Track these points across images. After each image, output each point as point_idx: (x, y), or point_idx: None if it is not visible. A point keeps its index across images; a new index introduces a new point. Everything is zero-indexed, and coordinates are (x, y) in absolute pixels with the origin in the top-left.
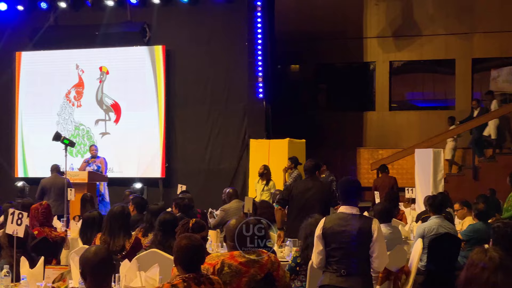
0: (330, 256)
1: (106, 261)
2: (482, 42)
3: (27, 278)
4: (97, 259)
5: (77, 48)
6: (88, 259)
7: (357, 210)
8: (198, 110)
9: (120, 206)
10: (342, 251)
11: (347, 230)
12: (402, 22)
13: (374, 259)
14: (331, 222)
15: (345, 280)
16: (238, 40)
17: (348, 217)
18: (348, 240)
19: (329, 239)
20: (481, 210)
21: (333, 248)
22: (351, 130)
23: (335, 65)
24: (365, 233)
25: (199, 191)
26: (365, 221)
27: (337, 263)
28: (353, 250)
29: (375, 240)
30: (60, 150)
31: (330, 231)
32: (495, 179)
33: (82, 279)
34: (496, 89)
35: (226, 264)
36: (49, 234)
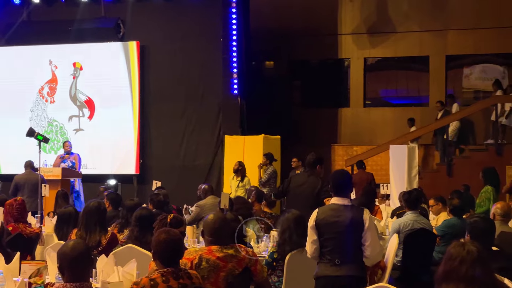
0: (324, 246)
1: (84, 256)
2: (456, 39)
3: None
4: (75, 253)
5: (51, 44)
6: (66, 253)
7: (348, 201)
8: (172, 107)
9: (96, 202)
10: (335, 241)
11: (340, 220)
12: (377, 19)
13: (366, 247)
14: (324, 213)
15: (339, 269)
16: (213, 36)
17: (340, 208)
18: (340, 230)
19: (322, 229)
20: (456, 206)
21: (326, 238)
22: (326, 127)
23: (309, 61)
24: (357, 223)
25: (173, 187)
26: (357, 211)
27: (330, 253)
28: (346, 239)
29: (367, 229)
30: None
31: (323, 221)
32: (468, 175)
33: (60, 273)
34: (468, 87)
35: (204, 258)
36: (23, 230)
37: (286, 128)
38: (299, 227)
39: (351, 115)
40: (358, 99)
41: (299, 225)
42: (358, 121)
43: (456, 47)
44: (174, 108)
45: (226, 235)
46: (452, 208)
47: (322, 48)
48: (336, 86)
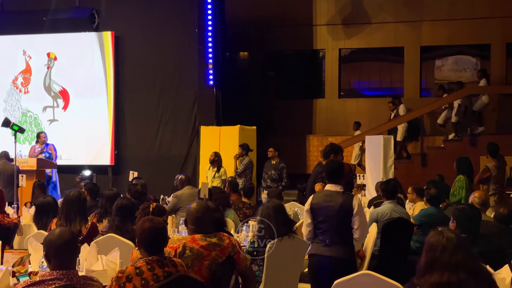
0: (317, 228)
1: (71, 244)
2: (431, 30)
3: None
4: (61, 241)
5: (24, 34)
6: (52, 241)
7: (340, 188)
8: (147, 97)
9: (77, 191)
10: (327, 224)
11: (331, 205)
12: (352, 10)
13: (355, 231)
14: (318, 198)
15: (329, 249)
16: (188, 27)
17: (333, 194)
18: (332, 214)
19: (316, 213)
20: (433, 195)
21: (319, 221)
22: (301, 118)
23: (284, 52)
24: (347, 208)
25: (149, 178)
26: (347, 197)
27: (322, 234)
28: (336, 223)
29: (356, 214)
30: (6, 136)
31: (317, 206)
32: (443, 165)
33: (46, 261)
34: (441, 78)
35: (188, 247)
36: (1, 220)
37: (261, 119)
38: (278, 215)
39: (326, 106)
40: (333, 90)
41: (278, 214)
42: (333, 112)
43: (431, 38)
44: (149, 98)
45: (209, 224)
46: (429, 197)
47: (297, 39)
48: (311, 77)
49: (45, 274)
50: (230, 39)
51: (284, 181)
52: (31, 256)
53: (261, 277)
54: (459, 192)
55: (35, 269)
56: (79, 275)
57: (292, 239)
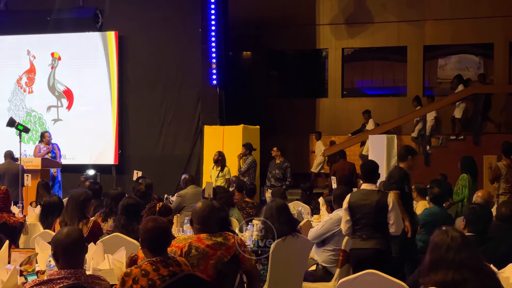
0: (355, 224)
1: (78, 242)
2: (434, 29)
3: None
4: (69, 240)
5: (29, 34)
6: (60, 241)
7: (375, 186)
8: (151, 97)
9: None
10: (364, 220)
11: (368, 203)
12: (355, 9)
13: (391, 226)
14: (355, 197)
15: (366, 242)
16: (192, 26)
17: (369, 192)
18: (369, 211)
19: (354, 210)
20: (436, 194)
21: (357, 218)
22: (304, 117)
23: (287, 52)
24: (382, 205)
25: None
26: (383, 195)
27: (360, 230)
28: (373, 219)
29: (391, 210)
30: (11, 136)
31: (355, 204)
32: (446, 164)
33: (54, 260)
34: (444, 77)
35: (194, 246)
36: (7, 219)
37: (264, 118)
38: (281, 215)
39: (329, 105)
40: (336, 90)
41: (282, 214)
42: (336, 111)
43: (434, 37)
44: (153, 98)
45: (215, 223)
46: (433, 196)
47: (300, 39)
48: (314, 76)
49: (53, 273)
50: (233, 39)
51: (288, 180)
52: (38, 255)
53: (265, 276)
54: (462, 190)
55: (42, 268)
56: (86, 274)
57: (296, 238)
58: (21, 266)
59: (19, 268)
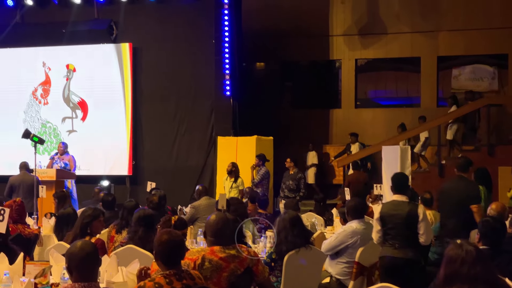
0: (386, 234)
1: (92, 256)
2: (447, 40)
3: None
4: (83, 253)
5: (44, 46)
6: (74, 254)
7: (406, 198)
8: (165, 108)
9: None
10: (395, 230)
11: (399, 213)
12: (368, 20)
13: (421, 236)
14: (387, 207)
15: (398, 251)
16: (205, 37)
17: (399, 203)
18: (400, 221)
19: (385, 220)
20: None
21: (389, 227)
22: (317, 128)
23: (301, 63)
24: (413, 216)
25: (166, 188)
26: (413, 206)
27: (392, 239)
28: (403, 229)
29: (421, 221)
30: (27, 148)
31: (386, 214)
32: None
33: (68, 273)
34: (458, 88)
35: (207, 259)
36: (22, 231)
37: (278, 129)
38: (294, 227)
39: (343, 116)
40: (349, 100)
41: (295, 226)
42: (350, 122)
43: (448, 48)
44: (167, 109)
45: (228, 235)
46: None
47: (313, 49)
48: (328, 87)
49: (67, 286)
50: (247, 50)
51: (302, 191)
52: (52, 268)
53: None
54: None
55: (56, 281)
56: (100, 287)
57: (309, 251)
58: (36, 279)
59: (33, 281)
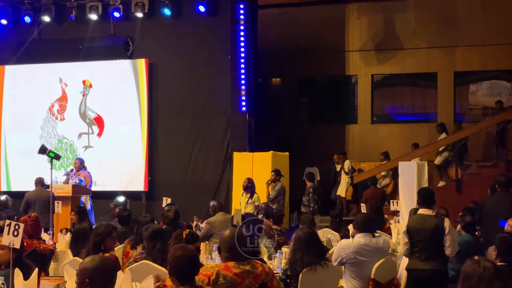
0: (413, 246)
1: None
2: (464, 55)
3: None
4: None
5: (61, 62)
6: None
7: (432, 211)
8: (181, 123)
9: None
10: (422, 243)
11: (426, 227)
12: (384, 36)
13: (447, 248)
14: (414, 221)
15: (425, 263)
16: (221, 53)
17: (426, 217)
18: (427, 234)
19: (412, 234)
20: (469, 222)
21: (416, 240)
22: (333, 143)
23: (317, 78)
24: (439, 229)
25: (182, 204)
26: (439, 220)
27: (419, 252)
28: (430, 241)
29: (447, 233)
30: (43, 163)
31: (413, 228)
32: (478, 191)
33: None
34: (476, 103)
35: (221, 275)
36: (37, 246)
37: (294, 145)
38: (310, 246)
39: (359, 132)
40: (365, 116)
41: (311, 245)
42: (366, 138)
43: (464, 63)
44: (183, 125)
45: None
46: (465, 224)
47: (330, 65)
48: (344, 102)
49: None
50: (263, 65)
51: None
52: (67, 283)
53: None
54: None
55: None
56: None
57: (325, 268)
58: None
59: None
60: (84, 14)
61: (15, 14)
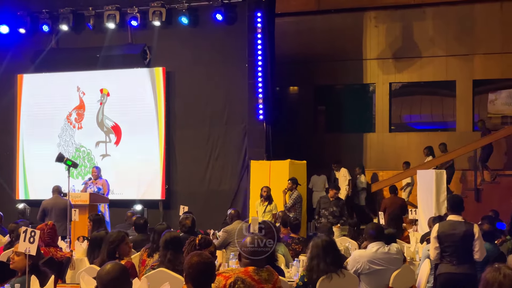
0: (444, 251)
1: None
2: (483, 63)
3: None
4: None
5: (78, 71)
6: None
7: (461, 218)
8: (198, 132)
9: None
10: (453, 248)
11: (456, 233)
12: (402, 44)
13: (476, 253)
14: (444, 227)
15: (456, 267)
16: (238, 61)
17: (456, 223)
18: (457, 240)
19: (442, 239)
20: (488, 231)
21: (446, 246)
22: (351, 152)
23: (334, 86)
24: (469, 234)
25: (199, 212)
26: (469, 226)
27: (449, 257)
28: (460, 247)
29: (477, 239)
30: (60, 172)
31: (443, 234)
32: (497, 200)
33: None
34: (494, 112)
35: (240, 279)
36: (54, 254)
37: (311, 153)
38: (328, 254)
39: (377, 140)
40: (383, 124)
41: (328, 253)
42: (384, 146)
43: (483, 71)
44: (200, 133)
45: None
46: (483, 233)
47: (347, 73)
48: (362, 111)
49: None
50: (280, 74)
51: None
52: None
53: None
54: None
55: None
56: None
57: (341, 277)
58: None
59: None
60: (102, 23)
61: (34, 23)
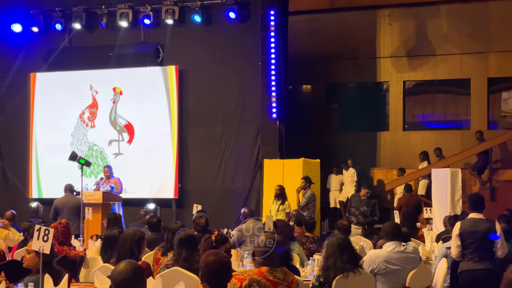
0: (465, 248)
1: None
2: (498, 61)
3: None
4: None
5: (91, 69)
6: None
7: (482, 215)
8: (211, 130)
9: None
10: (475, 245)
11: (478, 230)
12: (416, 42)
13: (497, 249)
14: (466, 224)
15: (478, 264)
16: (252, 60)
17: (478, 221)
18: (479, 237)
19: (464, 237)
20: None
21: (468, 243)
22: (365, 150)
23: (348, 85)
24: (491, 231)
25: (212, 211)
26: (491, 223)
27: (471, 254)
28: (482, 244)
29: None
30: (73, 170)
31: (465, 231)
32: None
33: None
34: (508, 111)
35: (255, 280)
36: (68, 253)
37: (324, 152)
38: (344, 253)
39: (390, 139)
40: (397, 123)
41: (344, 251)
42: (397, 145)
43: (498, 69)
44: (213, 132)
45: (277, 257)
46: None
47: (361, 71)
48: (375, 109)
49: None
50: (293, 72)
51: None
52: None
53: None
54: None
55: None
56: None
57: (358, 275)
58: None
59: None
60: (115, 21)
61: (46, 22)
